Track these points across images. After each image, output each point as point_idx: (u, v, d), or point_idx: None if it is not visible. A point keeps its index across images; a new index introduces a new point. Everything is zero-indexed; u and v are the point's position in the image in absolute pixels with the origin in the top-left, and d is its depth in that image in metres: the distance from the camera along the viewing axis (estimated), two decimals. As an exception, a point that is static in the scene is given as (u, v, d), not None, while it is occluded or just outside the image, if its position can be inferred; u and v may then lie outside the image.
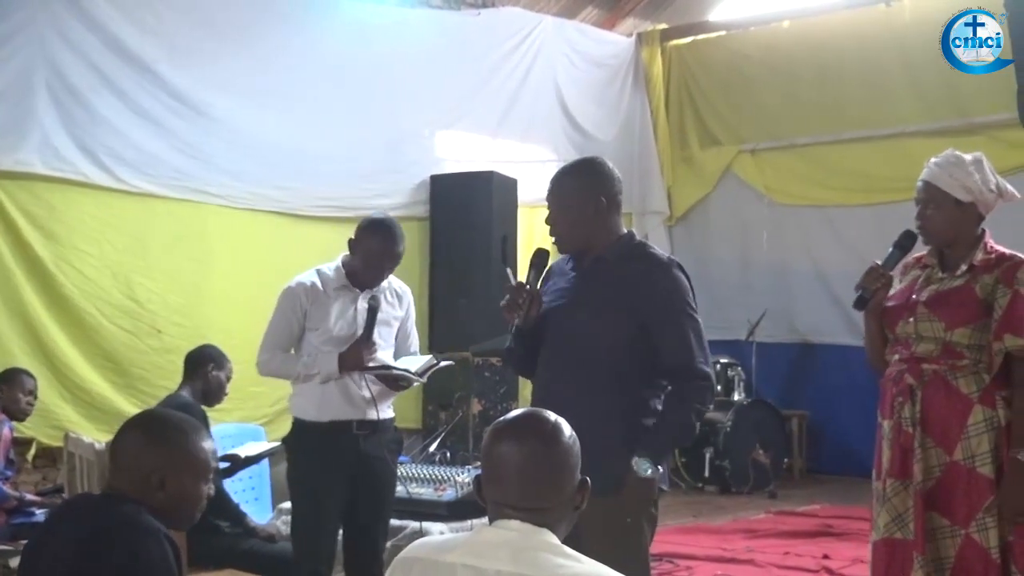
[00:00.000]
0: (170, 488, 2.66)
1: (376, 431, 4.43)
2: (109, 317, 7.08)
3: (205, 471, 2.74)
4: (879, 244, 10.56)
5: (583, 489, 2.26)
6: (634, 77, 11.05)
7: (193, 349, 5.51)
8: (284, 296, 4.44)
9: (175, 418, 2.82)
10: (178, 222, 7.48)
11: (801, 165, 10.43)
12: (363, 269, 4.40)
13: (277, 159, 7.98)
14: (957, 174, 3.58)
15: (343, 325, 4.39)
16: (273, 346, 4.43)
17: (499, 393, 8.55)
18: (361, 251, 4.38)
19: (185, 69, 7.53)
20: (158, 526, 2.61)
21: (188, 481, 2.69)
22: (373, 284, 4.44)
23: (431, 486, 5.83)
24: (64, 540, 2.63)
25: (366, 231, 4.39)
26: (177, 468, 2.67)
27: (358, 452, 4.38)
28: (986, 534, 3.47)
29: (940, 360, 3.58)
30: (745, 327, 9.80)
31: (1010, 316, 3.51)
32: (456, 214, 8.87)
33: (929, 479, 3.56)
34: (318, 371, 4.33)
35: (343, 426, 4.36)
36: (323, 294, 4.39)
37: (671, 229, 11.19)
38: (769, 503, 8.47)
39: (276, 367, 4.44)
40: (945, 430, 3.55)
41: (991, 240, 3.68)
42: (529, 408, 2.41)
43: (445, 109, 9.32)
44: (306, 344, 4.40)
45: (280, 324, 4.43)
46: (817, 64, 10.24)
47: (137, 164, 7.25)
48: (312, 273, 4.45)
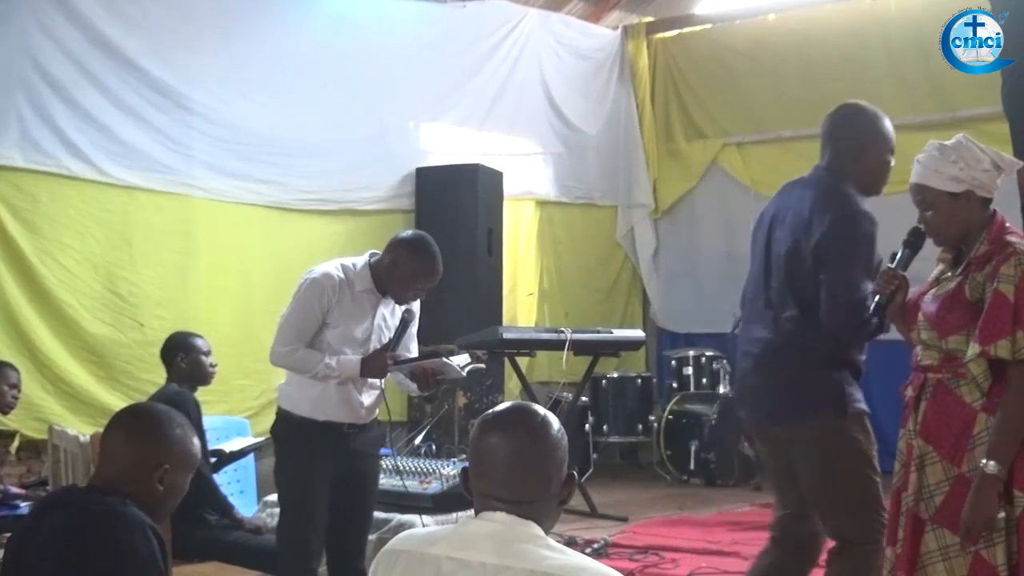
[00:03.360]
0: (167, 481, 2.70)
1: (364, 430, 4.43)
2: (90, 310, 7.07)
3: (194, 466, 2.81)
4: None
5: (570, 483, 2.27)
6: (620, 70, 11.06)
7: (162, 344, 5.49)
8: (311, 287, 4.26)
9: (172, 413, 2.85)
10: (162, 215, 7.46)
11: (787, 158, 10.40)
12: (397, 285, 4.31)
13: (261, 152, 7.95)
14: (941, 167, 3.40)
15: (361, 328, 4.32)
16: (294, 338, 4.26)
17: (484, 386, 8.56)
18: (395, 269, 4.28)
19: (168, 62, 7.50)
20: (144, 518, 2.63)
21: (181, 476, 2.75)
22: (403, 302, 4.37)
23: (417, 479, 5.84)
24: (50, 531, 2.64)
25: (400, 249, 4.30)
26: (176, 463, 2.72)
27: (346, 449, 4.37)
28: (993, 551, 3.23)
29: (942, 368, 3.39)
30: (731, 320, 9.76)
31: (984, 321, 3.27)
32: (442, 207, 8.85)
33: (938, 494, 3.36)
34: (339, 375, 4.25)
35: (335, 427, 4.35)
36: (348, 294, 4.27)
37: (656, 222, 11.20)
38: (754, 496, 8.48)
39: (295, 361, 4.27)
40: (952, 442, 3.33)
41: (1002, 222, 3.43)
42: (518, 402, 2.42)
43: (430, 101, 9.31)
44: (322, 339, 4.28)
45: (304, 315, 4.26)
46: (802, 57, 10.26)
47: (120, 157, 7.22)
48: (336, 266, 4.31)
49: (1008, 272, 3.29)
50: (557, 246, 10.51)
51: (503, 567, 2.11)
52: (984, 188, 3.41)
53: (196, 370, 5.37)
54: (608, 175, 10.94)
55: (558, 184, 10.47)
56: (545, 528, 2.21)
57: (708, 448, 9.04)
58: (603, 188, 10.92)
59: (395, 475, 5.83)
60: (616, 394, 9.64)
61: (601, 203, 10.94)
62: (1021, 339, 3.23)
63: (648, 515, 7.70)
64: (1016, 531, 3.23)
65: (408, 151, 9.09)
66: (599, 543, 6.48)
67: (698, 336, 10.67)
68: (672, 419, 9.38)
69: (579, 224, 10.75)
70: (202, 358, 5.39)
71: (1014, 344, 3.24)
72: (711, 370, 9.63)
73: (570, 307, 10.39)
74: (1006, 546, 3.22)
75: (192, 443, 2.80)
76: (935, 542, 3.36)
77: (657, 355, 10.98)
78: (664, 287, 11.17)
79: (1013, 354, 3.23)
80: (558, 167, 10.44)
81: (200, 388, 5.46)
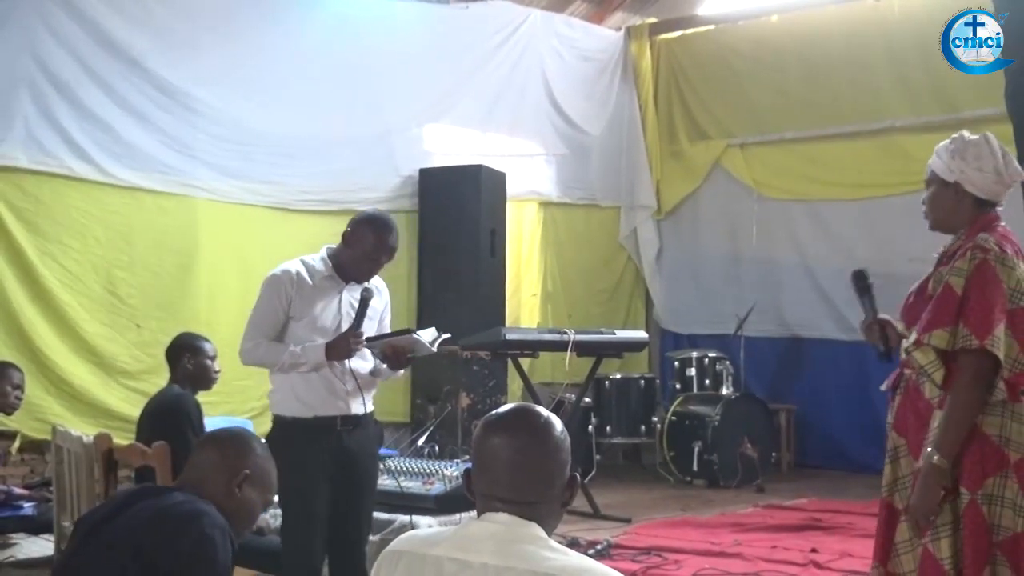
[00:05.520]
0: (244, 491, 2.89)
1: (358, 426, 4.44)
2: (90, 311, 7.08)
3: (272, 490, 3.02)
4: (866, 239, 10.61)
5: (572, 484, 2.26)
6: (623, 71, 11.06)
7: (169, 344, 5.49)
8: (269, 283, 4.41)
9: (256, 437, 3.12)
10: (165, 215, 7.47)
11: (789, 160, 10.44)
12: (357, 262, 4.39)
13: (264, 152, 7.97)
14: (942, 153, 3.47)
15: (328, 316, 4.39)
16: (257, 334, 4.38)
17: (487, 387, 8.56)
18: (356, 244, 4.38)
19: (172, 62, 7.51)
20: (224, 521, 2.78)
21: (258, 492, 2.94)
22: (365, 278, 4.45)
23: (419, 479, 5.83)
24: (135, 517, 2.77)
25: (362, 224, 4.40)
26: (255, 472, 2.93)
27: (342, 448, 4.37)
28: (938, 544, 3.25)
29: (909, 363, 3.43)
30: (734, 321, 9.81)
31: (928, 311, 3.31)
32: (444, 208, 8.86)
33: (905, 488, 3.42)
34: (305, 361, 4.31)
35: (327, 422, 4.36)
36: (308, 284, 4.37)
37: (659, 223, 11.21)
38: (757, 497, 8.48)
39: (261, 355, 4.38)
40: (915, 437, 3.40)
41: (990, 222, 3.41)
42: (521, 403, 2.42)
43: (433, 102, 9.31)
44: (291, 335, 4.37)
45: (265, 311, 4.39)
46: (805, 59, 10.25)
47: (124, 158, 7.24)
48: (296, 262, 4.43)
49: (961, 265, 3.30)
50: (560, 247, 10.51)
51: (505, 568, 2.11)
52: (976, 187, 3.41)
53: (201, 373, 5.37)
54: (611, 176, 10.93)
55: (561, 185, 10.47)
56: (547, 529, 2.21)
57: (711, 449, 9.03)
58: (606, 189, 10.91)
59: (398, 476, 5.82)
60: (619, 395, 9.63)
61: (604, 204, 10.94)
62: (963, 332, 3.24)
63: (651, 516, 7.69)
64: (962, 526, 3.25)
65: (411, 152, 9.09)
66: (602, 544, 6.47)
67: (701, 337, 10.67)
68: (675, 420, 9.37)
69: (582, 225, 10.75)
70: (208, 362, 5.39)
71: (954, 336, 3.25)
72: (714, 371, 9.62)
73: (573, 308, 10.39)
74: (951, 540, 3.24)
75: (272, 467, 3.01)
76: (908, 532, 3.41)
77: (660, 356, 10.98)
78: (667, 288, 11.17)
79: (951, 345, 3.25)
80: (561, 168, 10.44)
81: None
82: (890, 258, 8.31)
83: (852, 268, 3.84)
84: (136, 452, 4.25)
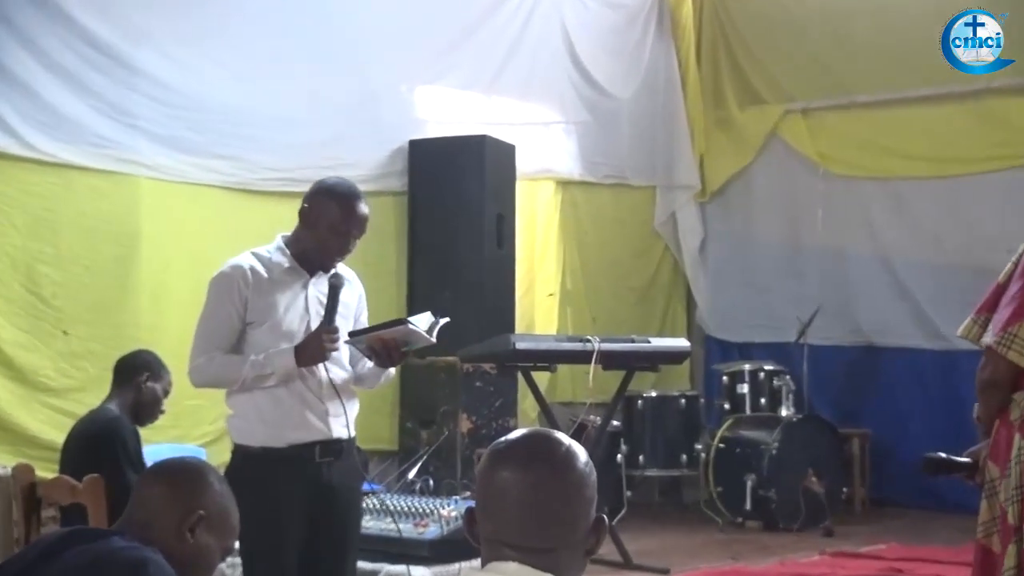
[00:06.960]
0: (198, 535, 2.88)
1: (341, 455, 4.40)
2: (6, 315, 7.06)
3: (232, 536, 3.01)
4: (957, 225, 10.55)
5: (599, 528, 2.24)
6: (658, 22, 11.08)
7: (125, 355, 5.50)
8: (216, 284, 4.37)
9: (214, 470, 3.09)
10: (100, 198, 7.48)
11: (862, 128, 10.44)
12: (323, 241, 4.36)
13: (221, 122, 7.99)
14: None
15: (294, 316, 4.35)
16: (209, 346, 4.32)
17: (493, 407, 8.56)
18: (318, 220, 4.35)
19: (109, 15, 7.51)
20: (174, 574, 2.77)
21: (214, 538, 2.93)
22: (333, 262, 4.42)
23: (410, 521, 5.85)
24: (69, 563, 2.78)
25: (320, 195, 4.40)
26: (212, 513, 2.91)
27: (320, 483, 4.34)
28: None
29: None
30: (795, 326, 9.81)
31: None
32: (440, 187, 8.87)
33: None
34: (271, 371, 4.26)
35: (303, 451, 4.32)
36: (266, 280, 4.33)
37: (704, 206, 11.23)
38: (824, 542, 8.48)
39: (216, 371, 4.32)
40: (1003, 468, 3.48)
41: None
42: (535, 428, 2.40)
43: (428, 60, 9.35)
44: (250, 344, 4.32)
45: (215, 318, 4.35)
46: (882, 5, 10.24)
47: (48, 127, 7.23)
48: (247, 256, 4.40)
49: None
50: (582, 236, 10.52)
51: (515, 631, 2.10)
52: None
53: (151, 402, 5.40)
54: (644, 149, 10.94)
55: (583, 160, 10.47)
56: (568, 583, 2.19)
57: (767, 484, 9.02)
58: (638, 165, 10.93)
59: (385, 517, 5.83)
60: (654, 417, 9.64)
61: (636, 183, 10.96)
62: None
63: (694, 566, 7.70)
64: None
65: (399, 120, 9.12)
66: (634, 600, 6.48)
67: (755, 346, 10.68)
68: (723, 448, 9.37)
69: (609, 209, 10.77)
70: (162, 395, 5.42)
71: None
72: (771, 388, 9.61)
73: (598, 311, 10.40)
74: None
75: (233, 507, 2.99)
76: None
77: (705, 369, 11.00)
78: (713, 286, 11.19)
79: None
80: (583, 139, 10.45)
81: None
82: (984, 248, 8.30)
83: (939, 260, 3.84)
84: (64, 487, 4.23)
